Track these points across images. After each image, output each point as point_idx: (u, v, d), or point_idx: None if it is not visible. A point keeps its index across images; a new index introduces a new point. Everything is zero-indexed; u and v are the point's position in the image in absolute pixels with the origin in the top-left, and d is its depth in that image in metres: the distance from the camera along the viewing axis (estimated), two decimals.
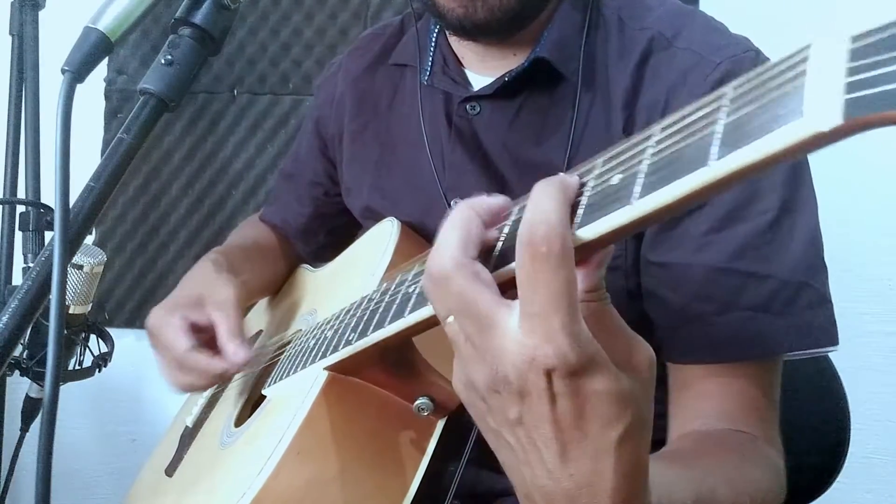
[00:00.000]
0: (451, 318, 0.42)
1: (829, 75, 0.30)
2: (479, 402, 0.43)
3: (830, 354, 1.04)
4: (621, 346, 0.41)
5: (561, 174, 0.41)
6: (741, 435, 0.69)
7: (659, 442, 0.72)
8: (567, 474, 0.41)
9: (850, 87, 0.29)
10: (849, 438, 1.03)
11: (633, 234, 0.38)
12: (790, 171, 0.70)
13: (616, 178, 0.39)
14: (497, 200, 0.44)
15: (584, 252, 0.39)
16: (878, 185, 1.51)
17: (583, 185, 0.41)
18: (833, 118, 0.29)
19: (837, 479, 1.02)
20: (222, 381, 0.81)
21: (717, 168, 0.34)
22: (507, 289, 0.40)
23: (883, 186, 1.51)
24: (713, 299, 0.70)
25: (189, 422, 0.95)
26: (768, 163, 0.33)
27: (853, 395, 1.04)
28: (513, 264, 0.39)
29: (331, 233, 1.06)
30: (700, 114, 0.37)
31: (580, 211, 0.39)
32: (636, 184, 0.37)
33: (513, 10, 0.72)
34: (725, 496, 0.58)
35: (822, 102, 0.30)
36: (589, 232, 0.38)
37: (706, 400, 0.72)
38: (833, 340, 0.70)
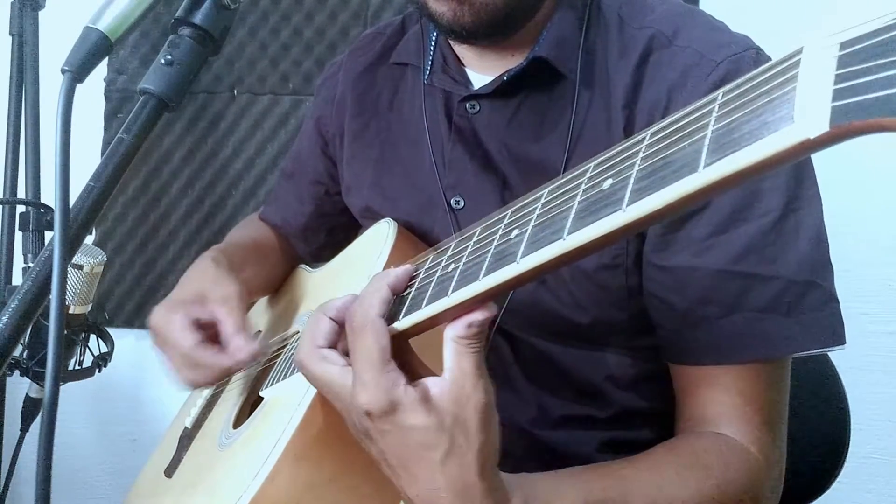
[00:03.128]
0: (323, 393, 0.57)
1: (817, 83, 0.30)
2: (364, 447, 0.55)
3: (830, 354, 1.04)
4: (458, 385, 0.50)
5: (391, 271, 0.54)
6: (712, 437, 0.69)
7: (666, 439, 0.71)
8: (414, 493, 0.53)
9: (838, 95, 0.29)
10: (849, 438, 1.03)
11: (622, 239, 0.40)
12: (793, 169, 0.70)
13: (607, 183, 0.39)
14: (343, 300, 0.57)
15: (448, 316, 0.49)
16: (878, 185, 1.51)
17: (414, 276, 0.54)
18: (820, 125, 0.29)
19: (837, 479, 1.02)
20: (229, 375, 0.81)
21: (706, 175, 0.34)
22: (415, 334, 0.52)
23: (883, 186, 1.51)
24: (717, 302, 0.70)
25: (188, 423, 0.95)
26: (757, 169, 0.32)
27: (853, 395, 1.04)
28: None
29: (331, 232, 1.06)
30: (690, 119, 0.37)
31: (408, 300, 0.52)
32: (626, 189, 0.37)
33: (500, 14, 0.72)
34: (644, 500, 0.61)
35: (809, 109, 0.30)
36: (408, 321, 0.51)
37: (698, 402, 0.72)
38: (840, 340, 0.70)
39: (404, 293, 0.54)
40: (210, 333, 0.80)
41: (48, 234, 1.23)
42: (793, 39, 0.33)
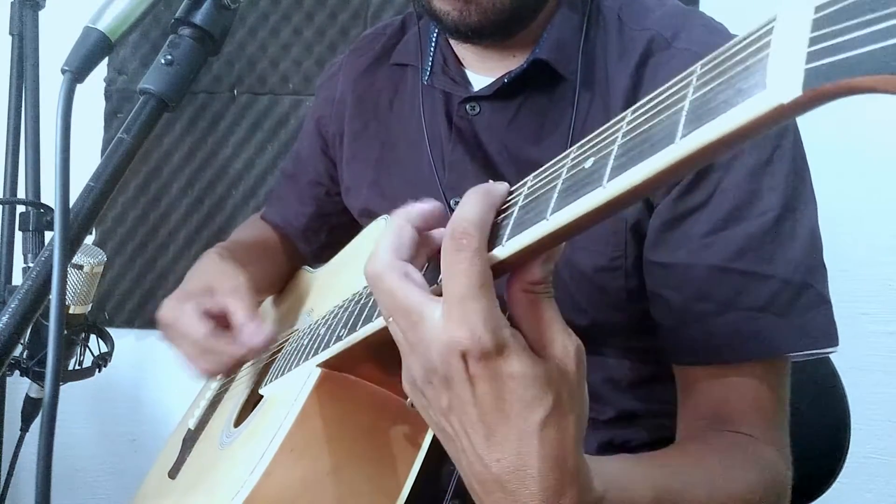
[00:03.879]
0: (390, 319, 0.46)
1: (791, 47, 0.30)
2: (420, 396, 0.46)
3: (830, 354, 1.04)
4: (548, 337, 0.42)
5: (490, 181, 0.45)
6: (736, 436, 0.69)
7: (660, 441, 0.72)
8: (494, 459, 0.43)
9: (811, 57, 0.29)
10: (849, 438, 1.03)
11: (610, 215, 0.39)
12: (791, 170, 0.70)
13: (589, 162, 0.39)
14: (427, 206, 0.47)
15: (528, 254, 0.42)
16: (877, 184, 1.51)
17: (511, 192, 0.45)
18: (793, 89, 0.29)
19: (837, 479, 1.02)
20: (243, 363, 0.80)
21: (682, 146, 0.34)
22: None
23: (882, 186, 1.51)
24: (714, 299, 0.70)
25: (191, 424, 0.95)
26: (734, 138, 0.32)
27: (853, 395, 1.04)
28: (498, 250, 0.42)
29: (332, 232, 1.06)
30: (669, 93, 0.37)
31: (510, 220, 0.42)
32: (607, 166, 0.37)
33: (506, 13, 0.72)
34: (696, 496, 0.59)
35: (782, 74, 0.30)
36: (515, 244, 0.41)
37: (708, 401, 0.72)
38: (833, 341, 0.70)
39: None
40: (221, 326, 0.80)
41: (48, 234, 1.23)
42: None
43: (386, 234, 0.47)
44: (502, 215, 0.45)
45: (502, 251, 0.42)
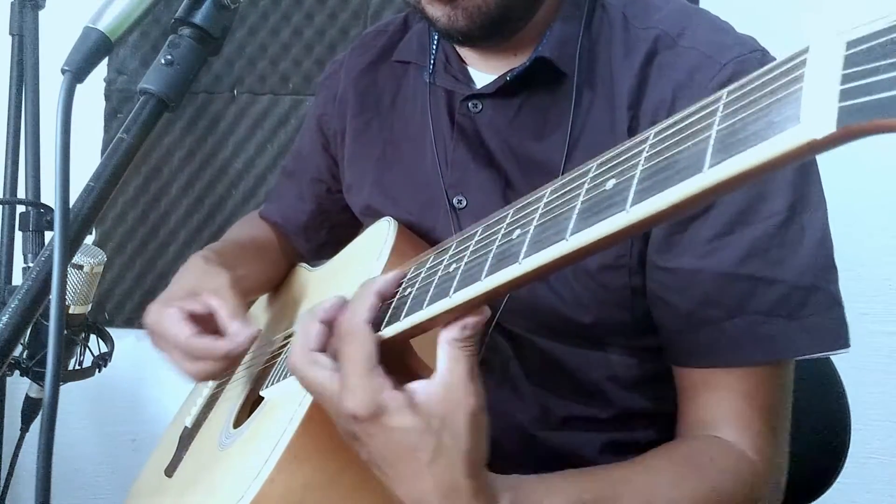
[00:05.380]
0: (311, 395, 0.59)
1: (823, 82, 0.30)
2: (350, 447, 0.57)
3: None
4: (455, 390, 0.51)
5: (379, 277, 0.56)
6: (704, 440, 0.69)
7: (650, 443, 0.71)
8: (403, 492, 0.54)
9: (844, 95, 0.29)
10: (849, 439, 1.03)
11: (627, 239, 0.40)
12: (798, 171, 0.69)
13: (610, 184, 0.39)
14: (329, 303, 0.58)
15: (461, 311, 0.49)
16: (878, 184, 1.50)
17: (401, 283, 0.55)
18: (827, 126, 0.29)
19: (837, 479, 1.02)
20: (232, 363, 0.80)
21: (710, 175, 0.33)
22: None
23: (883, 186, 1.51)
24: (722, 304, 0.70)
25: (188, 422, 0.95)
26: (763, 170, 0.32)
27: (854, 395, 1.04)
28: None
29: (332, 230, 1.06)
30: (694, 118, 0.37)
31: (398, 304, 0.53)
32: (630, 190, 0.37)
33: (492, 16, 0.71)
34: (638, 501, 0.62)
35: (816, 109, 0.30)
36: (391, 330, 0.53)
37: (697, 405, 0.72)
38: (844, 343, 0.69)
39: (406, 294, 0.54)
40: (207, 328, 0.80)
41: (48, 234, 1.22)
42: (797, 38, 0.33)
43: (297, 334, 0.58)
44: (402, 287, 0.54)
45: (390, 330, 0.53)
